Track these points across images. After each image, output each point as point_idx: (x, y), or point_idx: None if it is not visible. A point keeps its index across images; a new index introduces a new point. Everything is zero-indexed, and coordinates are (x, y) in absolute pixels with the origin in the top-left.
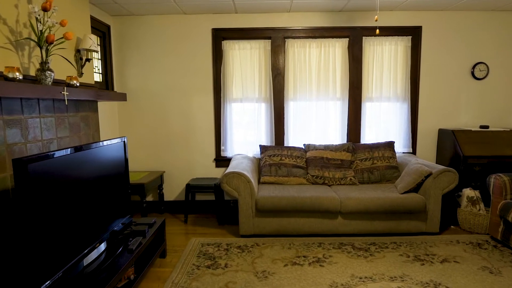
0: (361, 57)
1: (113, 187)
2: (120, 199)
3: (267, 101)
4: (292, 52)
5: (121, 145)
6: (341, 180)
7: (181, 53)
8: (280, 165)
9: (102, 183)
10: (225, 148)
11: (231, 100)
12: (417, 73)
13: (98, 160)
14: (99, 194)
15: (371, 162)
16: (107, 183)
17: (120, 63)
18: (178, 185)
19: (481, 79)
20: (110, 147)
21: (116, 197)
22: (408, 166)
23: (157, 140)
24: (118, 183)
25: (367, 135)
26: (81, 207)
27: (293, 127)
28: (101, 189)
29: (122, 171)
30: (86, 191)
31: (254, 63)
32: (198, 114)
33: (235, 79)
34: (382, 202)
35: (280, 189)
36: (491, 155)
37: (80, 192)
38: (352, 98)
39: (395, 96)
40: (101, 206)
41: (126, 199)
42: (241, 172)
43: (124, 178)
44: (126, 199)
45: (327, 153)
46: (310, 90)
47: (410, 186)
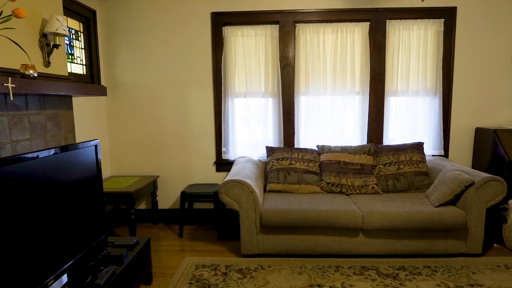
0: (384, 44)
1: (79, 203)
2: (90, 217)
3: (274, 96)
4: (303, 39)
5: (92, 150)
6: (361, 189)
7: (176, 41)
8: (290, 170)
9: (63, 198)
10: (227, 150)
11: (233, 95)
12: (450, 63)
13: (57, 171)
14: (58, 213)
15: (397, 167)
16: (71, 199)
17: (107, 54)
18: (173, 191)
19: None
20: (76, 154)
21: (85, 215)
22: (443, 173)
23: (150, 141)
24: (87, 197)
25: (391, 135)
26: (30, 231)
27: (305, 126)
28: (62, 206)
29: (93, 182)
30: (40, 210)
31: (259, 52)
32: (196, 111)
33: (238, 71)
34: (414, 217)
35: (289, 199)
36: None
37: (30, 212)
38: (373, 92)
39: (424, 89)
40: (61, 228)
41: (98, 216)
42: (243, 180)
43: (96, 191)
44: (98, 216)
45: (345, 156)
46: (324, 83)
47: (447, 198)
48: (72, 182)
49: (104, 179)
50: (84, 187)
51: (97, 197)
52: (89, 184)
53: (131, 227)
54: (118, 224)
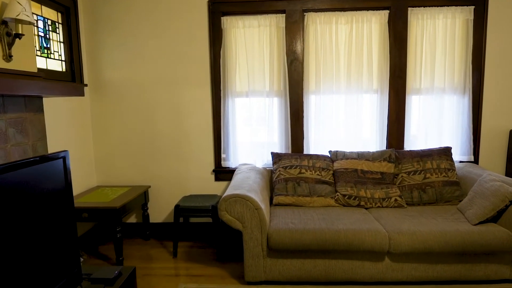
0: (405, 36)
1: (40, 231)
2: (55, 247)
3: (281, 95)
4: (313, 30)
5: (59, 164)
6: (383, 202)
7: (169, 34)
8: (300, 180)
9: (17, 227)
10: (227, 156)
11: (234, 95)
12: (481, 56)
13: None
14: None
15: (423, 176)
16: (29, 226)
17: (91, 49)
18: (167, 203)
19: None
20: (36, 170)
21: (48, 245)
22: (479, 184)
23: (141, 147)
24: (51, 223)
25: (414, 138)
26: None
27: (315, 129)
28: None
29: (60, 204)
30: None
31: (263, 45)
32: (192, 112)
33: (239, 67)
34: (451, 238)
35: (300, 215)
36: None
37: None
38: (393, 90)
39: (451, 87)
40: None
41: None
42: (247, 194)
43: (64, 214)
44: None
45: (362, 164)
46: (337, 80)
47: (488, 214)
48: (31, 204)
49: (89, 190)
50: (48, 211)
51: (65, 221)
52: (55, 206)
53: (117, 246)
54: (104, 241)
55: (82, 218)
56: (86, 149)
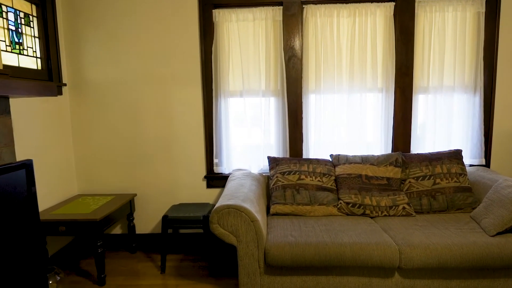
0: (413, 30)
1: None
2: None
3: (278, 94)
4: (313, 24)
5: (21, 174)
6: (390, 210)
7: (156, 29)
8: (299, 187)
9: None
10: (220, 161)
11: (227, 94)
12: (493, 52)
13: None
14: None
15: (432, 181)
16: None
17: (70, 45)
18: (155, 212)
19: None
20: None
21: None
22: (495, 190)
23: (126, 151)
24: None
25: (421, 140)
26: None
27: (315, 131)
28: None
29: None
30: None
31: (259, 40)
32: (182, 114)
33: (232, 64)
34: (467, 251)
35: (300, 226)
36: None
37: None
38: (399, 88)
39: (462, 85)
40: None
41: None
42: (241, 205)
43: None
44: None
45: (367, 169)
46: (339, 78)
47: (507, 224)
48: None
49: (69, 200)
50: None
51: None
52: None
53: (98, 263)
54: (86, 255)
55: (59, 231)
56: (66, 155)
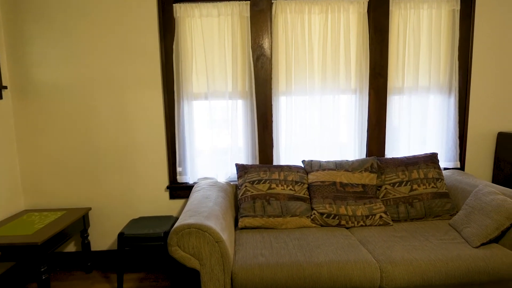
0: (387, 28)
1: None
2: None
3: (246, 96)
4: (282, 21)
5: None
6: (366, 220)
7: (110, 24)
8: (270, 198)
9: None
10: (184, 170)
11: (190, 97)
12: (468, 52)
13: None
14: None
15: (409, 187)
16: None
17: (14, 43)
18: (112, 227)
19: None
20: None
21: None
22: (476, 197)
23: (79, 161)
24: None
25: (396, 143)
26: None
27: (286, 135)
28: None
29: None
30: None
31: (224, 38)
32: (141, 119)
33: (196, 64)
34: (453, 267)
35: (272, 242)
36: None
37: None
38: (373, 89)
39: (437, 86)
40: None
41: None
42: (205, 224)
43: None
44: None
45: (341, 175)
46: (311, 79)
47: (491, 234)
48: None
49: (13, 217)
50: None
51: None
52: None
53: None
54: (31, 279)
55: None
56: (9, 166)
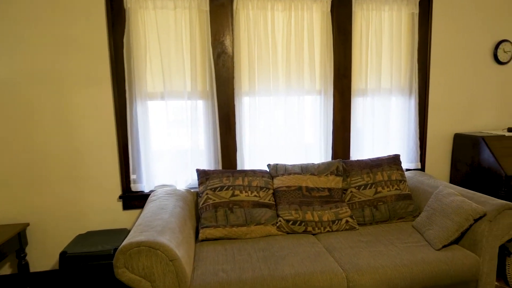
0: (350, 28)
1: None
2: None
3: (206, 96)
4: (244, 17)
5: None
6: (333, 225)
7: (51, 16)
8: (233, 206)
9: None
10: (139, 177)
11: (145, 97)
12: (426, 55)
13: None
14: None
15: (374, 190)
16: None
17: None
18: (56, 244)
19: (505, 63)
20: None
21: None
22: (436, 198)
23: (15, 170)
24: None
25: (361, 145)
26: None
27: (250, 138)
28: None
29: None
30: None
31: (182, 33)
32: (87, 121)
33: (150, 61)
34: (418, 272)
35: (234, 254)
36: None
37: None
38: (338, 90)
39: (398, 87)
40: None
41: None
42: (157, 240)
43: None
44: None
45: (307, 179)
46: (275, 79)
47: (452, 236)
48: None
49: None
50: None
51: None
52: None
53: None
54: None
55: None
56: None
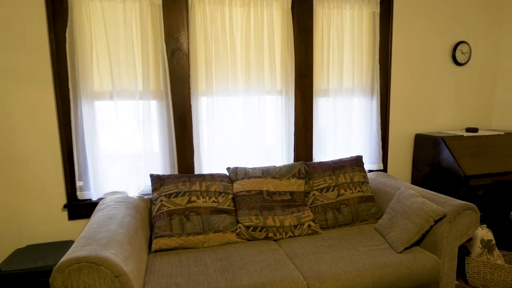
0: (311, 27)
1: None
2: None
3: (160, 96)
4: (201, 12)
5: None
6: (295, 230)
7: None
8: (189, 213)
9: None
10: (86, 184)
11: (91, 96)
12: (388, 55)
13: None
14: None
15: (336, 193)
16: None
17: None
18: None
19: (463, 64)
20: None
21: None
22: (398, 200)
23: None
24: None
25: (323, 147)
26: None
27: (209, 140)
28: None
29: None
30: None
31: (132, 28)
32: (26, 123)
33: (97, 58)
34: (380, 276)
35: (190, 265)
36: (495, 172)
37: None
38: (299, 91)
39: (360, 88)
40: None
41: None
42: (100, 255)
43: None
44: None
45: (268, 183)
46: (234, 78)
47: (413, 238)
48: None
49: None
50: None
51: None
52: None
53: None
54: None
55: None
56: None
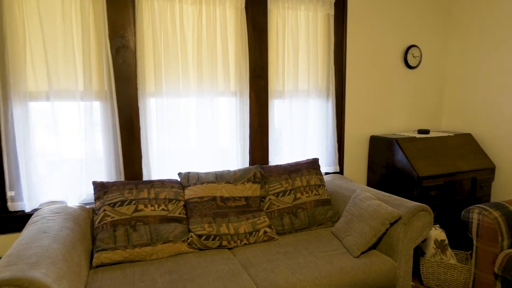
0: (266, 27)
1: None
2: None
3: (103, 97)
4: (148, 8)
5: None
6: (250, 237)
7: None
8: (136, 222)
9: None
10: (18, 194)
11: (24, 97)
12: (342, 57)
13: None
14: None
15: (293, 196)
16: None
17: None
18: None
19: (414, 68)
20: None
21: None
22: (354, 203)
23: None
24: None
25: (279, 150)
26: None
27: (159, 144)
28: None
29: None
30: None
31: (72, 22)
32: None
33: (31, 54)
34: (336, 284)
35: (135, 280)
36: (447, 172)
37: None
38: (254, 92)
39: (316, 90)
40: None
41: None
42: (25, 276)
43: None
44: None
45: (222, 189)
46: (185, 79)
47: (369, 242)
48: None
49: None
50: None
51: None
52: None
53: None
54: None
55: None
56: None
